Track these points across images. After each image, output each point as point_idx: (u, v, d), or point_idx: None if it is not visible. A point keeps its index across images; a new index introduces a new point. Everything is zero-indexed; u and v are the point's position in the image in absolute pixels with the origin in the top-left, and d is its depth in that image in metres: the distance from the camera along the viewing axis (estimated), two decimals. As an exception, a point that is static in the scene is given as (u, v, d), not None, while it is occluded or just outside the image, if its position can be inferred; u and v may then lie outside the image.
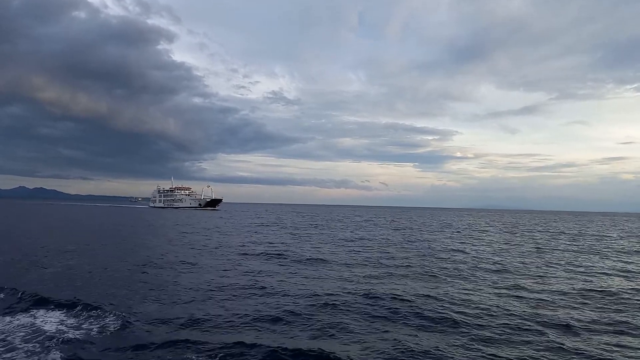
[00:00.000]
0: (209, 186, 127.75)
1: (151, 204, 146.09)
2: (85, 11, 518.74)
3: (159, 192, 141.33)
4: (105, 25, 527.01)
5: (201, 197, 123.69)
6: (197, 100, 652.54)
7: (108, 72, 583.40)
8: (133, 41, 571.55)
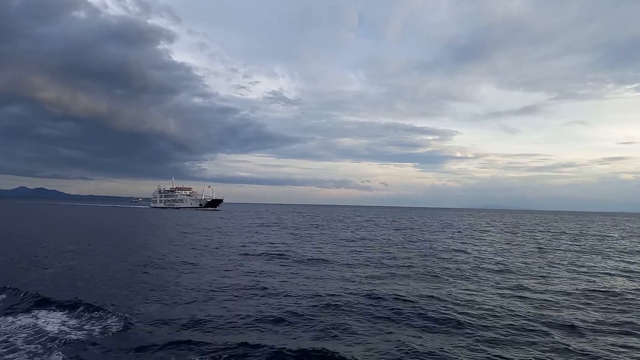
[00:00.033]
0: (210, 186, 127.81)
1: (152, 204, 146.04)
2: (85, 11, 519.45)
3: (160, 193, 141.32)
4: (105, 25, 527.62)
5: (202, 198, 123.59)
6: (197, 100, 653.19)
7: (108, 72, 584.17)
8: (133, 41, 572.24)
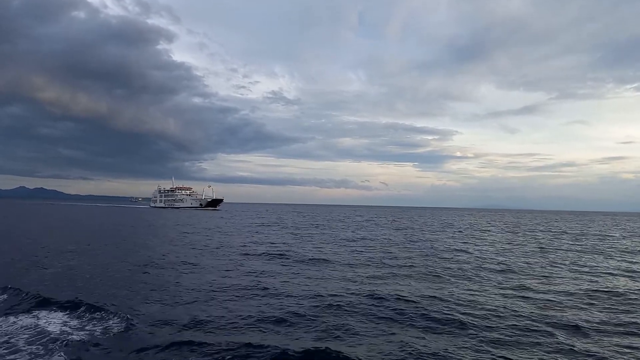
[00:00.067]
0: (210, 186, 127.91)
1: (152, 204, 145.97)
2: (84, 11, 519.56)
3: (160, 192, 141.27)
4: (105, 25, 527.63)
5: (202, 197, 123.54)
6: (197, 100, 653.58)
7: (108, 72, 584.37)
8: (133, 41, 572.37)
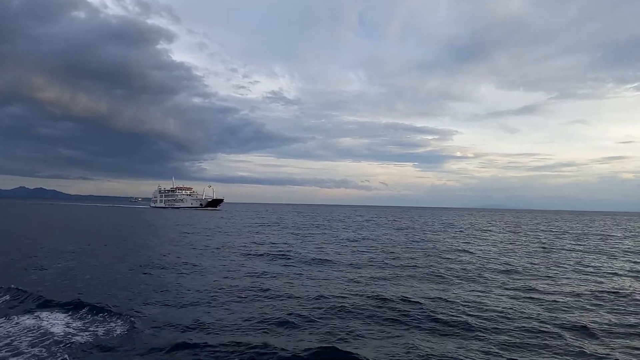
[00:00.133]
0: (210, 186, 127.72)
1: (152, 204, 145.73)
2: (84, 11, 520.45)
3: (160, 192, 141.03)
4: (104, 25, 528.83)
5: (202, 197, 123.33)
6: (197, 100, 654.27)
7: (108, 72, 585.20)
8: (133, 41, 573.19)
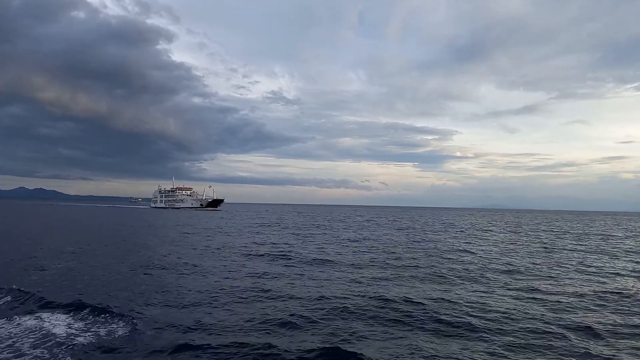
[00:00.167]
0: (211, 186, 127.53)
1: (152, 204, 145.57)
2: (84, 11, 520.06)
3: (160, 193, 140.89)
4: (104, 25, 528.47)
5: (203, 198, 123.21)
6: (197, 100, 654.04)
7: (108, 72, 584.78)
8: (132, 41, 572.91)
